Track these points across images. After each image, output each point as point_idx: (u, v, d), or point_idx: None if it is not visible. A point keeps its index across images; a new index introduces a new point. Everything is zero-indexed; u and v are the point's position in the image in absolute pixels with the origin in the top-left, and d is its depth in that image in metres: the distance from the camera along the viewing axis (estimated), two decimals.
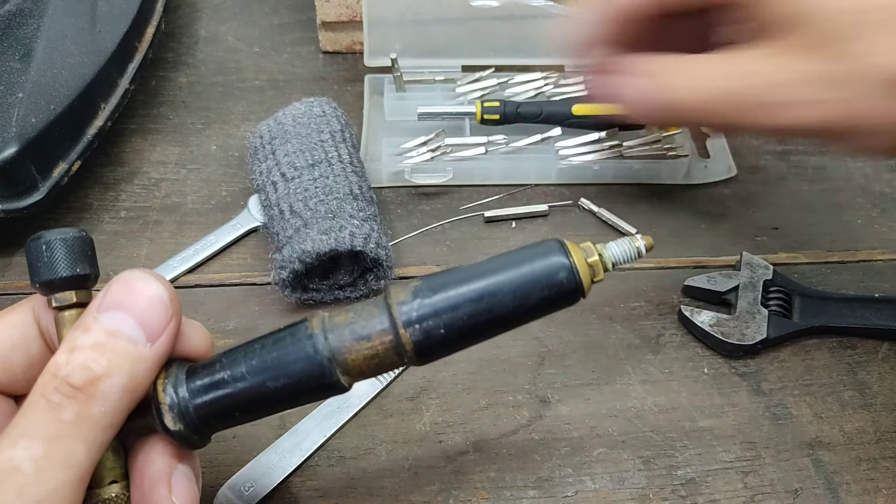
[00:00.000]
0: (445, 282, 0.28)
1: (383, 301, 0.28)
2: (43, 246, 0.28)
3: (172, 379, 0.28)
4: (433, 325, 0.27)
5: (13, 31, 0.48)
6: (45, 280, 0.28)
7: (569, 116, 0.53)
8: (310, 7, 0.62)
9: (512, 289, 0.28)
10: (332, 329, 0.28)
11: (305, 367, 0.27)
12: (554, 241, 0.29)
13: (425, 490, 0.38)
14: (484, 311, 0.27)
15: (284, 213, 0.45)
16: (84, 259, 0.28)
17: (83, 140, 0.48)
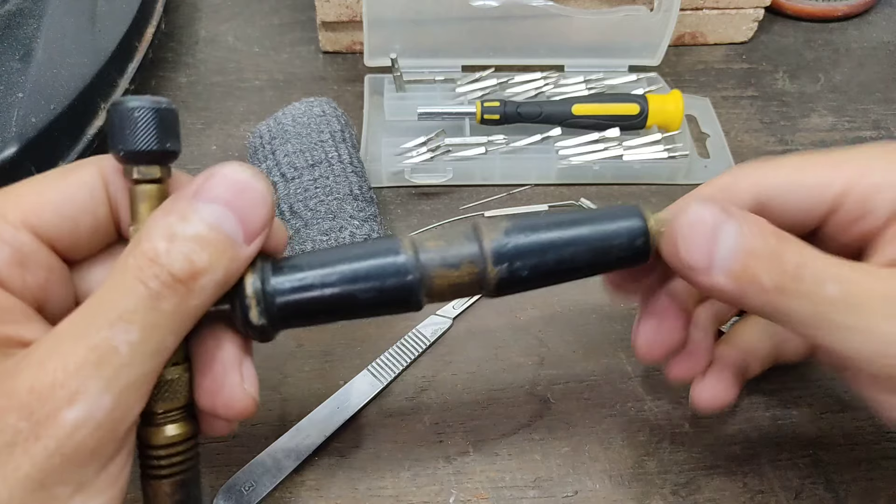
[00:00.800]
0: (535, 225, 0.29)
1: (473, 233, 0.29)
2: (135, 112, 0.26)
3: (259, 273, 0.28)
4: (520, 266, 0.29)
5: (13, 31, 0.48)
6: (133, 149, 0.26)
7: (569, 116, 0.53)
8: (310, 7, 0.62)
9: (595, 243, 0.29)
10: (423, 251, 0.29)
11: (395, 283, 0.28)
12: (636, 208, 0.30)
13: (425, 490, 0.38)
14: (567, 260, 0.29)
15: (284, 213, 0.45)
16: (174, 134, 0.27)
17: (83, 140, 0.48)
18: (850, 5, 0.68)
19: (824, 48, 0.66)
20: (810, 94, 0.62)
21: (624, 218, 0.30)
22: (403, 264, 0.28)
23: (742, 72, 0.64)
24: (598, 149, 0.53)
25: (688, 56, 0.65)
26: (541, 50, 0.59)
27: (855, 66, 0.65)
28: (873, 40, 0.68)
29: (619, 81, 0.58)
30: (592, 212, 0.30)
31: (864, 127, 0.59)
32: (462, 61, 0.59)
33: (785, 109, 0.60)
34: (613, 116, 0.53)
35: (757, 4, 0.63)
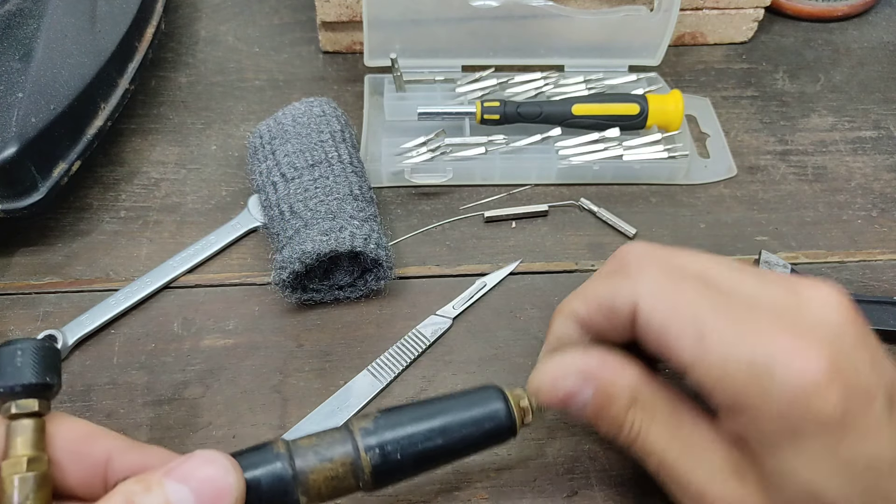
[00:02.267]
0: (401, 412, 0.32)
1: (346, 427, 0.31)
2: (12, 350, 0.27)
3: None
4: (391, 451, 0.31)
5: (13, 31, 0.48)
6: (8, 384, 0.27)
7: (569, 116, 0.53)
8: (310, 7, 0.62)
9: (461, 431, 0.32)
10: (296, 450, 0.30)
11: (270, 485, 0.29)
12: (497, 392, 0.33)
13: (425, 490, 0.38)
14: (436, 448, 0.31)
15: (284, 213, 0.45)
16: (53, 369, 0.28)
17: (83, 140, 0.48)
18: (850, 5, 0.68)
19: (824, 48, 0.66)
20: (810, 94, 0.62)
21: (486, 403, 0.32)
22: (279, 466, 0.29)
23: (742, 72, 0.64)
24: (598, 149, 0.53)
25: (688, 56, 0.65)
26: (541, 50, 0.59)
27: (855, 66, 0.65)
28: (873, 40, 0.68)
29: (619, 81, 0.58)
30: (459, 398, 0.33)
31: (864, 127, 0.59)
32: (462, 61, 0.59)
33: (785, 109, 0.60)
34: (613, 116, 0.53)
35: (757, 4, 0.63)
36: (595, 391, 0.31)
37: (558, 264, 0.49)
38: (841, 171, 0.55)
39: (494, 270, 0.48)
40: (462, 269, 0.48)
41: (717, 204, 0.53)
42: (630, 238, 0.50)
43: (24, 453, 0.27)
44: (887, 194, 0.54)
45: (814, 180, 0.55)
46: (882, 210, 0.53)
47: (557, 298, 0.46)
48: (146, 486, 0.26)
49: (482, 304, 0.46)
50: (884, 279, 0.48)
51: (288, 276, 0.43)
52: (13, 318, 0.45)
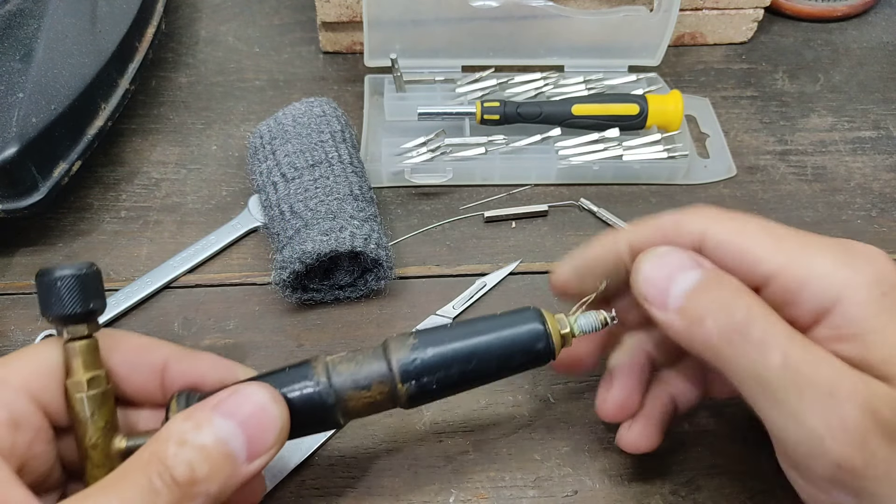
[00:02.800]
0: (440, 340, 0.31)
1: (382, 354, 0.31)
2: (58, 281, 0.29)
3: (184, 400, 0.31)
4: (427, 382, 0.31)
5: (13, 31, 0.48)
6: (58, 314, 0.29)
7: (568, 116, 0.53)
8: (310, 7, 0.62)
9: (497, 352, 0.31)
10: (335, 375, 0.31)
11: (311, 410, 0.30)
12: (534, 312, 0.32)
13: (425, 490, 0.38)
14: (471, 371, 0.31)
15: (285, 213, 0.45)
16: (96, 294, 0.30)
17: (83, 140, 0.48)
18: (849, 5, 0.68)
19: (824, 48, 0.66)
20: (810, 95, 0.62)
21: (523, 324, 0.32)
22: (318, 392, 0.30)
23: (742, 72, 0.64)
24: (598, 149, 0.53)
25: (687, 56, 0.65)
26: (540, 50, 0.59)
27: (854, 67, 0.65)
28: (873, 40, 0.68)
29: (619, 82, 0.58)
30: (496, 319, 0.32)
31: (864, 127, 0.59)
32: (462, 61, 0.59)
33: (784, 109, 0.60)
34: (613, 117, 0.53)
35: (756, 5, 0.63)
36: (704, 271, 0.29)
37: (558, 264, 0.49)
38: (840, 171, 0.55)
39: (494, 270, 0.48)
40: (462, 269, 0.48)
41: (717, 204, 0.52)
42: None
43: (84, 374, 0.29)
44: (887, 194, 0.54)
45: (813, 180, 0.55)
46: (881, 210, 0.53)
47: (557, 298, 0.46)
48: (196, 423, 0.27)
49: (482, 304, 0.46)
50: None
51: (288, 276, 0.43)
52: (13, 318, 0.45)
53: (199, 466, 0.26)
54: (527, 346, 0.31)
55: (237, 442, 0.27)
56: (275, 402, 0.29)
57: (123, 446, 0.30)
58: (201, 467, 0.26)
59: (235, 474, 0.27)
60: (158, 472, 0.26)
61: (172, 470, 0.26)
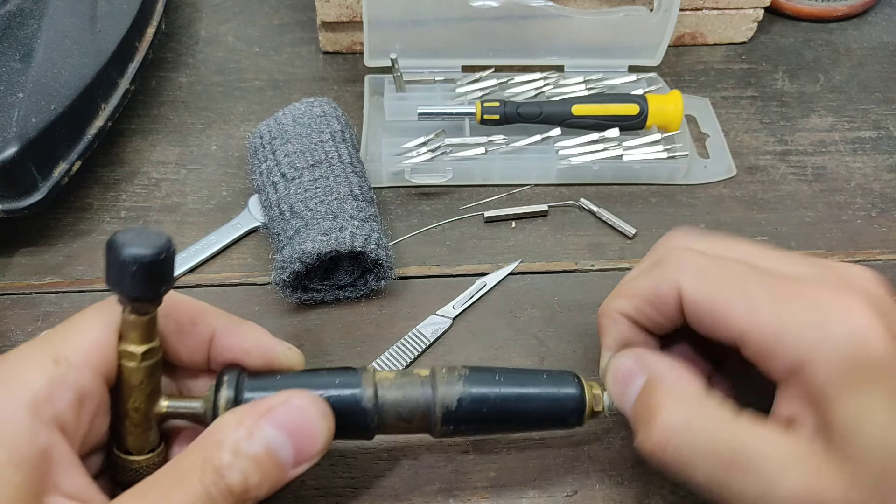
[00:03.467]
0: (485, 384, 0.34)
1: (431, 389, 0.33)
2: (132, 264, 0.26)
3: (234, 385, 0.32)
4: (465, 430, 0.34)
5: (13, 31, 0.48)
6: (127, 296, 0.28)
7: (568, 116, 0.53)
8: (310, 7, 0.62)
9: (533, 414, 0.34)
10: (381, 399, 0.33)
11: (349, 422, 0.32)
12: (575, 378, 0.35)
13: (426, 490, 0.38)
14: (505, 426, 0.35)
15: (285, 213, 0.45)
16: (167, 278, 0.28)
17: (83, 140, 0.48)
18: (849, 5, 0.68)
19: (824, 48, 0.66)
20: (810, 95, 0.62)
21: (566, 391, 0.34)
22: (364, 411, 0.32)
23: (742, 72, 0.64)
24: (598, 149, 0.53)
25: (687, 56, 0.65)
26: (540, 50, 0.59)
27: (855, 67, 0.65)
28: (873, 40, 0.68)
29: (619, 82, 0.58)
30: (541, 380, 0.34)
31: (864, 127, 0.59)
32: (462, 61, 0.59)
33: (784, 110, 0.60)
34: (613, 117, 0.53)
35: (756, 5, 0.63)
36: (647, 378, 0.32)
37: (558, 264, 0.49)
38: (840, 172, 0.55)
39: (494, 270, 0.48)
40: (462, 269, 0.48)
41: (717, 204, 0.53)
42: (630, 238, 0.50)
43: (140, 346, 0.29)
44: (887, 194, 0.54)
45: (813, 180, 0.55)
46: (882, 210, 0.53)
47: (557, 298, 0.46)
48: (248, 432, 0.28)
49: (482, 304, 0.46)
50: (883, 279, 0.48)
51: (288, 276, 0.43)
52: (13, 319, 0.45)
53: (251, 476, 0.28)
54: (562, 414, 0.34)
55: (286, 451, 0.29)
56: (324, 418, 0.30)
57: (164, 410, 0.31)
58: (253, 476, 0.28)
59: (281, 479, 0.29)
60: (215, 482, 0.27)
61: (227, 479, 0.27)
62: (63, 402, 0.28)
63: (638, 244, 0.50)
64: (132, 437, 0.31)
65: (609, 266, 0.48)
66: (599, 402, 0.34)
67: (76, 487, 0.27)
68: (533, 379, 0.34)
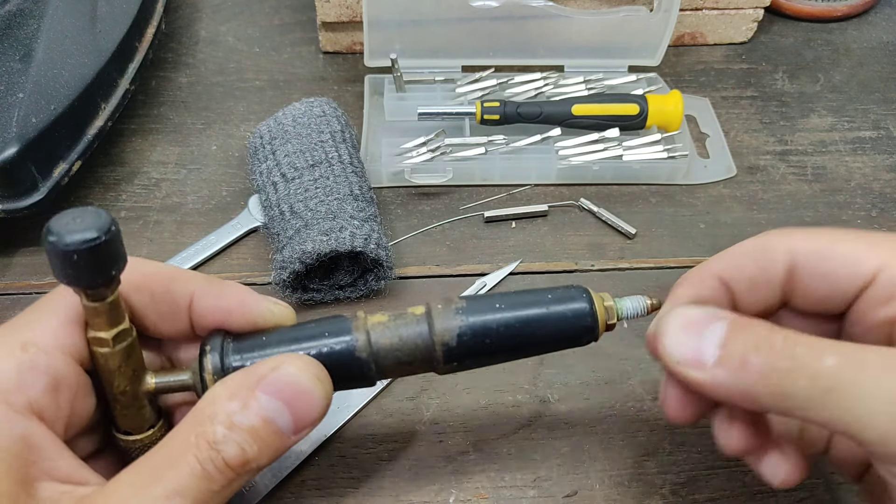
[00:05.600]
0: (482, 315, 0.31)
1: (425, 316, 0.31)
2: (73, 254, 0.24)
3: (220, 351, 0.30)
4: (469, 363, 0.31)
5: (13, 32, 0.48)
6: (74, 285, 0.26)
7: (568, 116, 0.53)
8: (310, 7, 0.62)
9: (542, 332, 0.31)
10: (374, 335, 0.30)
11: (345, 370, 0.30)
12: (581, 291, 0.32)
13: (425, 490, 0.38)
14: (514, 348, 0.31)
15: (285, 213, 0.45)
16: (114, 259, 0.26)
17: (83, 140, 0.48)
18: (849, 5, 0.68)
19: (824, 48, 0.66)
20: (810, 95, 0.62)
21: (570, 302, 0.31)
22: (360, 361, 0.30)
23: (742, 72, 0.64)
24: (598, 149, 0.53)
25: (687, 56, 0.65)
26: (540, 50, 0.59)
27: (854, 66, 0.65)
28: (873, 40, 0.68)
29: (619, 82, 0.58)
30: (543, 293, 0.32)
31: (864, 127, 0.59)
32: (462, 61, 0.59)
33: (784, 110, 0.60)
34: (613, 117, 0.53)
35: (756, 5, 0.63)
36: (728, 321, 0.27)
37: (558, 264, 0.49)
38: (840, 172, 0.55)
39: (494, 270, 0.48)
40: (462, 269, 0.48)
41: (717, 204, 0.53)
42: (630, 238, 0.50)
43: (108, 331, 0.28)
44: (887, 194, 0.54)
45: (813, 180, 0.55)
46: (881, 210, 0.53)
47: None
48: (242, 402, 0.27)
49: None
50: None
51: (288, 276, 0.43)
52: None
53: (249, 447, 0.27)
54: (572, 325, 0.31)
55: (284, 419, 0.28)
56: (320, 381, 0.29)
57: (153, 387, 0.30)
58: (251, 448, 0.27)
59: (282, 447, 0.28)
60: (211, 458, 0.26)
61: (224, 454, 0.26)
62: (36, 388, 0.27)
63: (638, 244, 0.50)
64: (126, 418, 0.30)
65: (609, 266, 0.49)
66: (612, 313, 0.32)
67: (67, 471, 0.27)
68: (536, 300, 0.31)
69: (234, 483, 0.27)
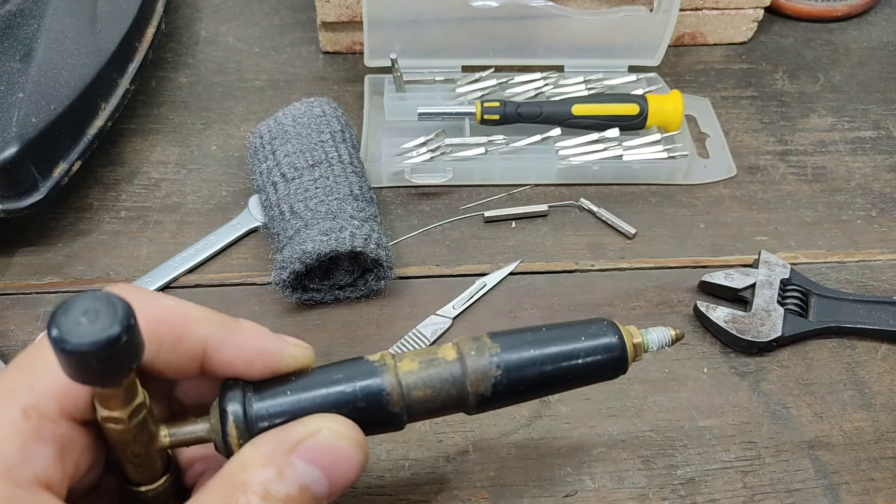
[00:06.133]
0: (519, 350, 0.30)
1: (458, 361, 0.30)
2: (90, 359, 0.21)
3: (241, 400, 0.28)
4: (500, 397, 0.30)
5: (13, 32, 0.48)
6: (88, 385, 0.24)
7: (568, 116, 0.53)
8: (310, 7, 0.62)
9: (572, 369, 0.30)
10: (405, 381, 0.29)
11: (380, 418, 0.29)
12: (611, 326, 0.31)
13: (425, 490, 0.38)
14: (547, 387, 0.31)
15: (285, 213, 0.45)
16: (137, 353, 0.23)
17: (83, 140, 0.48)
18: (849, 5, 0.68)
19: (824, 48, 0.66)
20: (810, 95, 0.62)
21: (604, 343, 0.31)
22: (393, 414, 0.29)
23: (741, 72, 0.64)
24: (598, 149, 0.53)
25: (687, 56, 0.65)
26: (540, 50, 0.59)
27: (854, 66, 0.65)
28: (873, 40, 0.68)
29: (619, 82, 0.58)
30: (573, 331, 0.31)
31: (864, 127, 0.59)
32: (462, 61, 0.59)
33: (784, 109, 0.60)
34: (613, 117, 0.53)
35: (756, 5, 0.63)
36: None
37: (558, 264, 0.49)
38: (840, 171, 0.55)
39: (494, 270, 0.48)
40: (462, 269, 0.48)
41: (717, 204, 0.53)
42: (630, 238, 0.50)
43: (123, 411, 0.26)
44: (887, 194, 0.54)
45: (813, 180, 0.55)
46: (881, 210, 0.53)
47: (557, 298, 0.46)
48: (278, 471, 0.26)
49: (482, 304, 0.46)
50: (883, 279, 0.48)
51: (288, 276, 0.43)
52: (13, 318, 0.45)
53: None
54: (604, 367, 0.31)
55: (321, 487, 0.27)
56: (359, 447, 0.28)
57: (167, 443, 0.28)
58: None
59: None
60: None
61: None
62: (43, 460, 0.25)
63: (638, 244, 0.50)
64: (138, 474, 0.28)
65: (609, 266, 0.49)
66: (640, 349, 0.32)
67: None
68: (568, 336, 0.31)
69: None
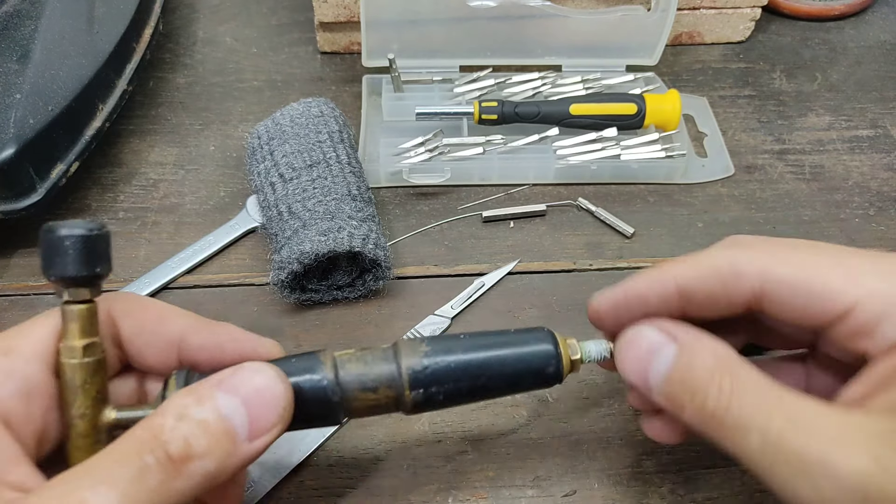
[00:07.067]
0: (451, 350, 0.31)
1: (393, 357, 0.31)
2: (64, 240, 0.26)
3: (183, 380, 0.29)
4: (435, 392, 0.31)
5: (10, 33, 0.48)
6: (61, 276, 0.27)
7: (566, 116, 0.53)
8: (308, 8, 0.62)
9: (508, 369, 0.31)
10: (343, 372, 0.30)
11: (314, 403, 0.29)
12: (547, 334, 0.32)
13: (424, 490, 0.38)
14: (480, 387, 0.31)
15: (283, 214, 0.45)
16: (103, 258, 0.28)
17: (81, 141, 0.48)
18: (846, 4, 0.69)
19: (821, 47, 0.67)
20: (807, 94, 0.62)
21: (536, 343, 0.32)
22: (324, 388, 0.30)
23: (739, 71, 0.64)
24: (596, 148, 0.53)
25: (685, 55, 0.65)
26: (538, 50, 0.59)
27: (852, 65, 0.65)
28: (870, 39, 0.68)
29: (617, 81, 0.58)
30: (507, 335, 0.32)
31: (861, 126, 0.59)
32: (460, 61, 0.59)
33: (782, 109, 0.60)
34: (611, 116, 0.53)
35: (754, 4, 0.64)
36: (679, 347, 0.28)
37: (556, 264, 0.49)
38: (838, 170, 0.55)
39: (493, 270, 0.48)
40: (460, 268, 0.48)
41: (715, 203, 0.53)
42: (628, 237, 0.50)
43: (80, 340, 0.28)
44: (884, 193, 0.54)
45: (811, 179, 0.55)
46: (879, 208, 0.53)
47: (556, 298, 0.46)
48: (197, 398, 0.26)
49: (481, 303, 0.46)
50: None
51: (287, 277, 0.43)
52: (12, 320, 0.45)
53: (196, 441, 0.25)
54: (537, 366, 0.31)
55: (239, 418, 0.26)
56: (280, 380, 0.28)
57: (113, 418, 0.28)
58: (199, 442, 0.25)
59: (235, 453, 0.26)
60: (151, 449, 0.24)
61: (167, 445, 0.24)
62: (4, 391, 0.26)
63: (636, 243, 0.50)
64: (80, 451, 0.28)
65: (607, 265, 0.49)
66: (577, 350, 0.32)
67: (21, 479, 0.25)
68: (501, 339, 0.32)
69: (174, 482, 0.24)
